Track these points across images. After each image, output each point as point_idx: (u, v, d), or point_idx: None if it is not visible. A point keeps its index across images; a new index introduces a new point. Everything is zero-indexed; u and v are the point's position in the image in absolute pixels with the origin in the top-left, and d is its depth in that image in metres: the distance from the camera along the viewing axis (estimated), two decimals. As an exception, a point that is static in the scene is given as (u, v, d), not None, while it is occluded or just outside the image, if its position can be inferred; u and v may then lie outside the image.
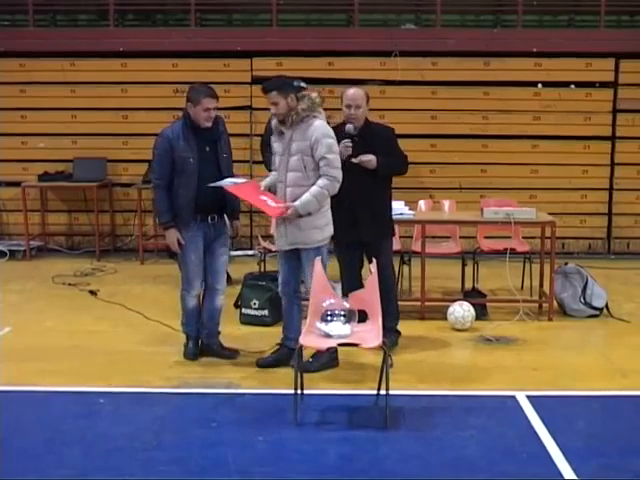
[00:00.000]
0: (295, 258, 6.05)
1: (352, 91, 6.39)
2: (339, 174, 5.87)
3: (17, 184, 10.42)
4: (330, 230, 6.04)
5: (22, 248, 10.33)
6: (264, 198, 5.98)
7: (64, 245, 10.85)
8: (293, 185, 5.88)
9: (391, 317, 6.37)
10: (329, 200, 5.99)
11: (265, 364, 6.19)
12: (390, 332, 6.32)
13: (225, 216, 6.36)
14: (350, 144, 6.24)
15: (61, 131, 10.60)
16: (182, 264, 6.37)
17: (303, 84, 8.72)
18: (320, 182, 5.84)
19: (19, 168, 10.67)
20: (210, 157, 6.16)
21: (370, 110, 6.58)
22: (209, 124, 6.14)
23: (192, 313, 6.45)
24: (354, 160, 6.25)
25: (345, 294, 5.80)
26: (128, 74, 10.47)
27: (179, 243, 6.17)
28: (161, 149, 6.13)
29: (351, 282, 6.31)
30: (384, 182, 6.52)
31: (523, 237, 8.44)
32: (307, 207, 5.84)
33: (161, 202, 6.18)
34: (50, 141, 10.65)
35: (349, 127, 6.31)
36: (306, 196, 5.83)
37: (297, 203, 5.81)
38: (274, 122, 6.02)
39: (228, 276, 7.43)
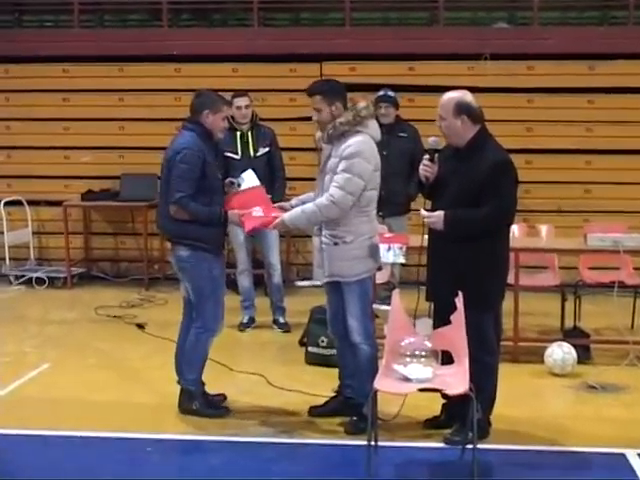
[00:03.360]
0: (339, 292, 5.96)
1: (442, 97, 5.71)
2: (343, 199, 5.63)
3: (58, 203, 10.66)
4: (375, 262, 5.96)
5: (63, 275, 10.54)
6: (257, 208, 6.06)
7: (109, 272, 11.05)
8: None
9: (482, 408, 5.53)
10: (372, 226, 5.89)
11: (318, 414, 6.17)
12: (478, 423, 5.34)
13: None
14: (428, 163, 5.65)
15: (107, 144, 10.83)
16: (207, 300, 6.19)
17: (390, 93, 8.81)
18: (319, 200, 5.76)
19: (60, 185, 10.93)
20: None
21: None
22: (222, 136, 6.31)
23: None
24: (424, 214, 5.65)
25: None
26: (182, 80, 10.63)
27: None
28: (193, 164, 6.01)
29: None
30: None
31: (634, 268, 8.31)
32: (295, 222, 5.86)
33: (198, 208, 6.01)
34: (95, 155, 10.89)
35: (432, 140, 5.72)
36: (297, 210, 5.87)
37: (285, 215, 5.87)
38: (318, 134, 5.99)
39: None
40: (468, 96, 5.69)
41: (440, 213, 5.54)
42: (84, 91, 10.79)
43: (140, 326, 8.66)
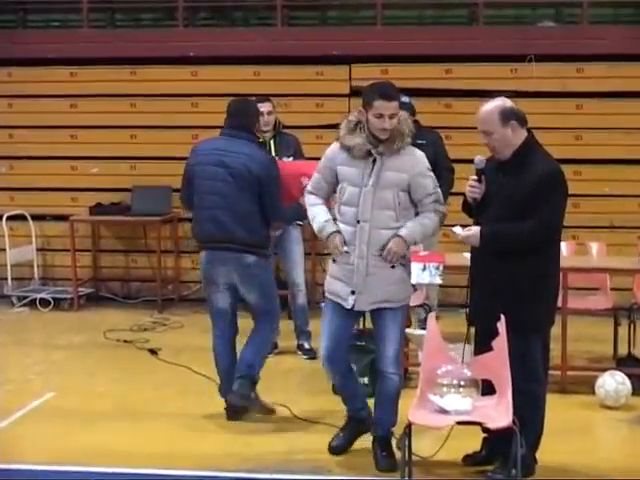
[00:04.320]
0: (356, 317, 6.15)
1: (480, 112, 5.64)
2: (445, 210, 5.96)
3: (64, 218, 10.72)
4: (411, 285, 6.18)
5: (69, 296, 10.59)
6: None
7: (119, 293, 11.10)
8: (382, 227, 5.78)
9: (527, 443, 5.50)
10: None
11: (339, 450, 6.14)
12: (523, 459, 5.38)
13: None
14: (475, 183, 5.64)
15: (118, 154, 10.90)
16: (275, 300, 6.94)
17: (405, 99, 8.84)
18: (431, 215, 5.88)
19: (67, 199, 11.01)
20: None
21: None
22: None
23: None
24: (459, 233, 5.64)
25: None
26: (200, 84, 10.71)
27: None
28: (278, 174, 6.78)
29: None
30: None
31: (695, 290, 8.27)
32: (414, 236, 5.89)
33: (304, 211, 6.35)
34: (105, 166, 10.96)
35: (478, 159, 5.67)
36: (412, 224, 5.84)
37: (403, 232, 5.79)
38: (357, 140, 5.79)
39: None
40: (508, 102, 5.67)
41: (476, 229, 5.54)
42: (93, 96, 10.86)
43: (153, 352, 8.69)
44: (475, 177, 5.63)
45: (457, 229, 5.64)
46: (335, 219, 5.89)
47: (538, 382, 5.68)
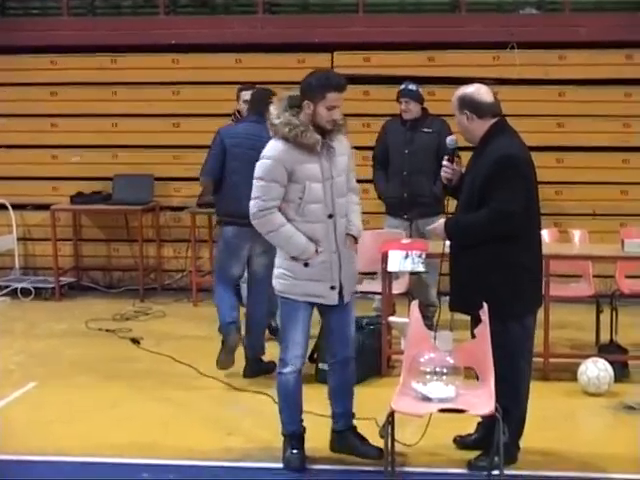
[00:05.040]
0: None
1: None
2: None
3: (45, 207, 10.70)
4: None
5: (50, 285, 10.56)
6: None
7: (101, 282, 11.07)
8: (342, 216, 5.73)
9: (511, 433, 5.51)
10: None
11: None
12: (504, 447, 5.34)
13: None
14: (447, 163, 5.68)
15: (99, 142, 10.86)
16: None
17: (412, 86, 8.86)
18: (356, 199, 5.92)
19: (48, 188, 10.96)
20: None
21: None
22: None
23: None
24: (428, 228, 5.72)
25: None
26: (181, 72, 10.68)
27: None
28: None
29: None
30: None
31: (676, 277, 8.31)
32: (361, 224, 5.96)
33: None
34: (86, 154, 10.91)
35: (449, 139, 5.76)
36: (355, 216, 5.86)
37: (356, 223, 5.82)
38: (315, 136, 5.57)
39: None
40: (480, 89, 5.63)
41: (441, 221, 5.60)
42: (74, 84, 10.82)
43: (135, 341, 8.67)
44: (446, 157, 5.67)
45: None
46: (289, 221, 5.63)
47: (519, 369, 5.69)
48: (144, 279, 10.57)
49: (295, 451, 5.77)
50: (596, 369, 7.18)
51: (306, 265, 5.62)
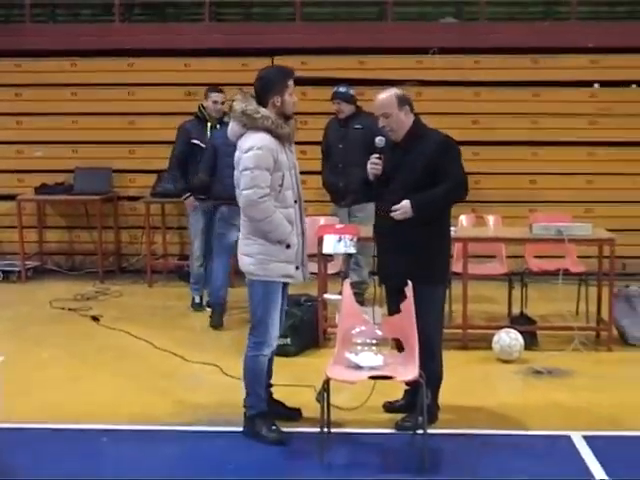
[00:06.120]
0: None
1: (378, 99, 5.76)
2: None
3: (12, 197, 10.56)
4: None
5: (17, 269, 10.43)
6: None
7: (63, 265, 10.95)
8: (302, 201, 5.81)
9: (434, 394, 5.72)
10: None
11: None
12: (429, 409, 5.43)
13: None
14: (377, 161, 5.67)
15: (61, 138, 10.73)
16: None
17: (342, 89, 8.89)
18: None
19: (14, 180, 10.81)
20: None
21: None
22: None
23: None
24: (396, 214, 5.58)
25: None
26: (135, 75, 10.58)
27: None
28: None
29: None
30: None
31: (578, 256, 8.40)
32: None
33: None
34: (48, 149, 10.78)
35: (378, 140, 5.73)
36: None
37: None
38: (286, 129, 5.56)
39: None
40: (400, 90, 5.82)
41: (406, 202, 5.55)
42: (37, 85, 10.70)
43: (95, 319, 8.58)
44: (377, 155, 5.67)
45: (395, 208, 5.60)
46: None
47: (439, 333, 5.82)
48: (103, 262, 10.46)
49: (274, 427, 5.61)
50: (508, 338, 7.26)
51: (288, 247, 5.53)
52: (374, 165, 5.68)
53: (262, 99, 5.52)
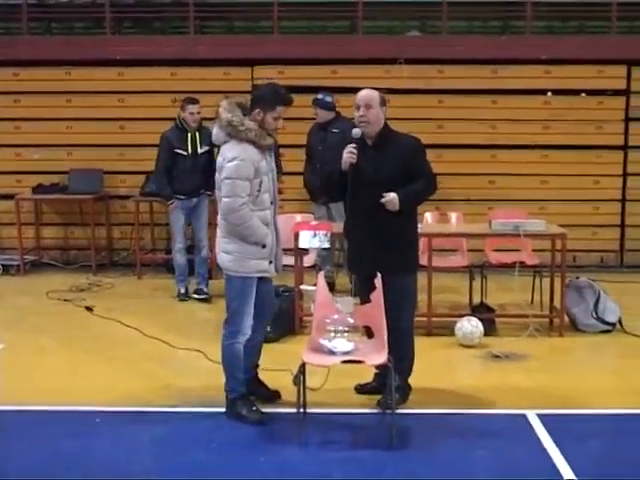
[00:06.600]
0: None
1: (364, 91, 5.72)
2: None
3: (10, 197, 10.49)
4: None
5: (16, 263, 10.37)
6: None
7: (59, 260, 10.88)
8: (277, 202, 5.82)
9: (402, 375, 5.72)
10: None
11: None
12: (399, 389, 5.57)
13: None
14: (354, 150, 5.59)
15: (56, 142, 10.67)
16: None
17: (319, 96, 8.94)
18: None
19: (13, 180, 10.74)
20: None
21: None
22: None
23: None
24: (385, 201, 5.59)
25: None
26: (125, 83, 10.54)
27: None
28: None
29: None
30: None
31: (533, 250, 8.45)
32: None
33: None
34: (45, 152, 10.71)
35: (355, 131, 5.67)
36: None
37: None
38: (269, 139, 5.54)
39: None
40: None
41: (393, 195, 5.56)
42: (34, 93, 10.62)
43: (89, 309, 8.55)
44: (354, 145, 5.63)
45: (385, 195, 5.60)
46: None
47: (411, 319, 5.87)
48: (96, 257, 10.42)
49: (254, 408, 5.61)
50: (469, 326, 7.30)
51: (264, 247, 5.53)
52: (350, 154, 5.61)
53: (250, 107, 5.52)
